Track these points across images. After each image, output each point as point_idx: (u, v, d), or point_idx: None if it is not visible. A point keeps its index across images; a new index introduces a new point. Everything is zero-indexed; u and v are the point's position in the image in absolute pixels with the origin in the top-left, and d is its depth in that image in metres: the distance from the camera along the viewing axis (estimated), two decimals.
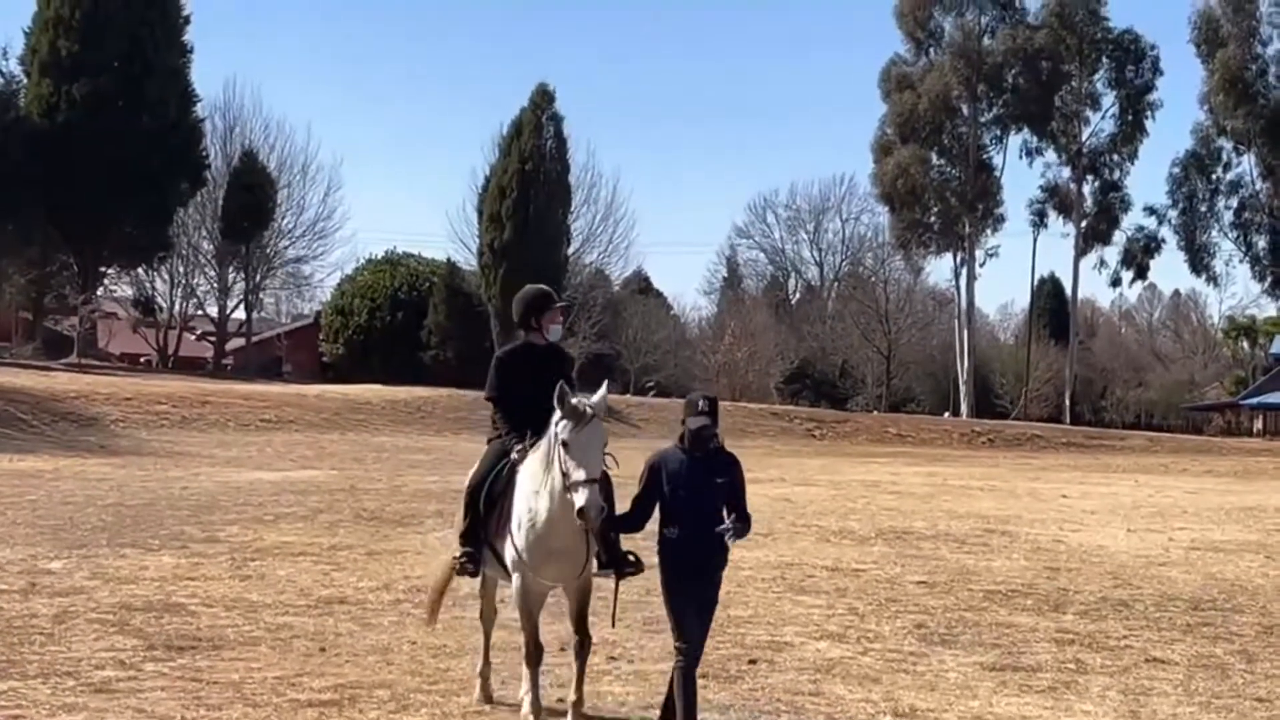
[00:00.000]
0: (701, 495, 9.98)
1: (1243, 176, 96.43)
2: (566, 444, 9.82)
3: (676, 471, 9.99)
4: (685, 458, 10.04)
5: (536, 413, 10.57)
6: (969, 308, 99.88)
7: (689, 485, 9.94)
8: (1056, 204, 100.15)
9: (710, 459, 10.07)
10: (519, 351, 11.52)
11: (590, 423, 9.85)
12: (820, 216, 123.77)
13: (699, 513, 9.93)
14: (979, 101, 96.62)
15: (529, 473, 10.42)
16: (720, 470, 10.12)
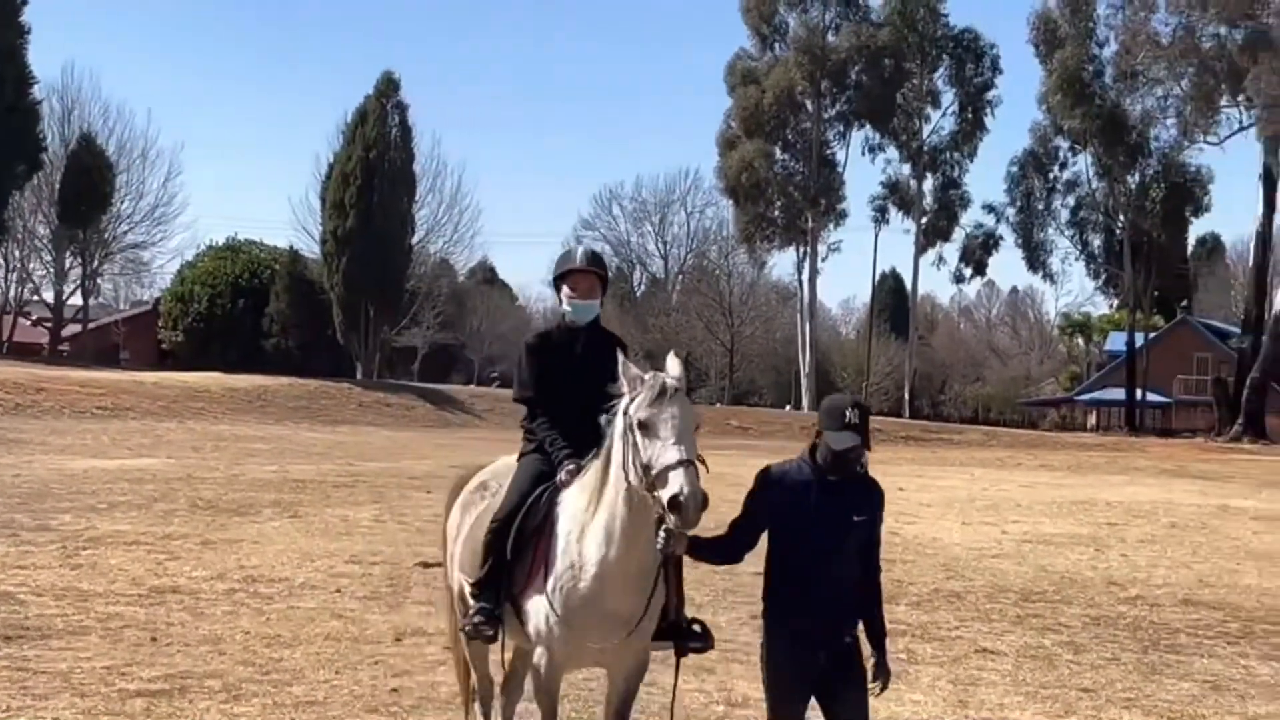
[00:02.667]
0: (834, 537, 7.49)
1: (1079, 176, 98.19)
2: (644, 424, 7.24)
3: (801, 498, 7.50)
4: (815, 481, 7.51)
5: (580, 421, 8.26)
6: (811, 302, 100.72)
7: (817, 520, 7.45)
8: (897, 200, 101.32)
9: (849, 486, 7.56)
10: (555, 335, 8.99)
11: (676, 396, 7.35)
12: (665, 209, 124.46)
13: (827, 562, 7.49)
14: (823, 97, 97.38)
15: (574, 505, 7.92)
16: (860, 503, 7.60)
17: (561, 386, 8.66)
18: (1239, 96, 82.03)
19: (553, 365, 8.77)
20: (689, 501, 6.87)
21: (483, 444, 48.06)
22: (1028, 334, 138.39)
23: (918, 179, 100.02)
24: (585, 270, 9.00)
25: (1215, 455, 65.45)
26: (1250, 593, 19.22)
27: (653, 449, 7.16)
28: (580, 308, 8.91)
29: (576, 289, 8.92)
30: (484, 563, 8.40)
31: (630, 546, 7.52)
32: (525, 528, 8.20)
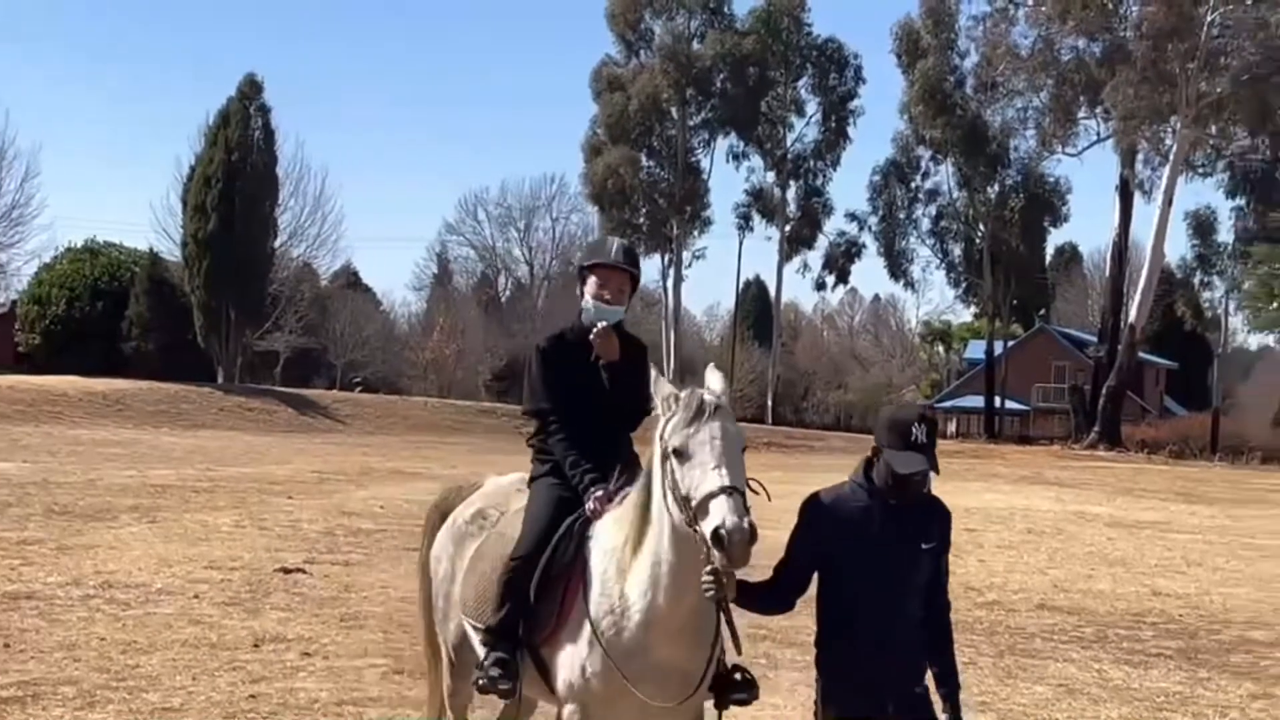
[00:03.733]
0: (901, 570, 6.62)
1: (940, 185, 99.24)
2: (680, 451, 6.28)
3: (860, 528, 6.58)
4: (874, 505, 6.61)
5: (601, 438, 7.47)
6: (675, 308, 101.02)
7: (881, 552, 6.55)
8: (761, 208, 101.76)
9: (912, 509, 6.68)
10: (572, 338, 7.83)
11: (716, 414, 6.37)
12: (531, 215, 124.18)
13: (894, 599, 6.60)
14: (688, 105, 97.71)
15: (609, 540, 6.92)
16: (927, 528, 6.74)
17: (580, 398, 7.57)
18: (1097, 109, 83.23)
19: (570, 373, 7.63)
20: (733, 534, 5.91)
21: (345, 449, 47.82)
22: (889, 341, 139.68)
23: (781, 187, 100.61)
24: (618, 267, 7.82)
25: (1072, 462, 66.42)
26: (1104, 598, 19.56)
27: (691, 477, 6.19)
28: (606, 311, 7.72)
29: (606, 286, 7.77)
30: (500, 606, 7.26)
31: (681, 595, 6.49)
32: (552, 566, 7.13)
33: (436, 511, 8.76)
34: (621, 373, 7.59)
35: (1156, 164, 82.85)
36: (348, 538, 22.38)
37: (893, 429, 6.57)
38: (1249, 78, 74.32)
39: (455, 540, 8.15)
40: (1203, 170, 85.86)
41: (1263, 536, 30.92)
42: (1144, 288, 79.60)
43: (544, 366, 7.70)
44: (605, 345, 7.66)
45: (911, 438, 6.50)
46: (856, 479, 6.75)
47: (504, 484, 8.35)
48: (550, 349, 7.79)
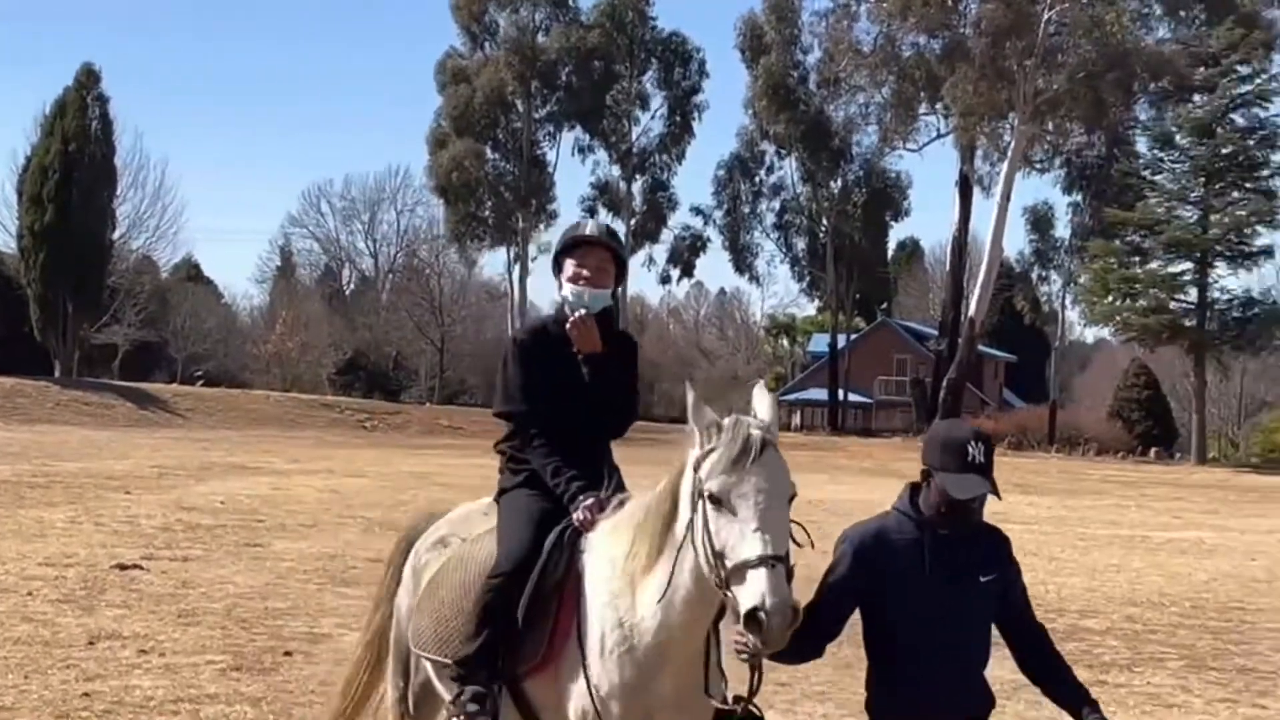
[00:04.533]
0: (957, 607, 5.90)
1: (784, 180, 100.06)
2: (717, 499, 5.51)
3: (909, 564, 5.89)
4: (923, 538, 5.92)
5: (584, 444, 6.75)
6: (522, 302, 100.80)
7: (934, 589, 5.85)
8: (607, 201, 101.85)
9: (964, 538, 5.98)
10: (553, 330, 6.94)
11: (764, 456, 5.59)
12: (375, 207, 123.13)
13: (953, 642, 5.90)
14: (533, 98, 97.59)
15: (609, 550, 6.19)
16: (985, 558, 6.06)
17: (562, 398, 6.71)
18: (937, 105, 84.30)
19: (551, 370, 6.75)
20: (772, 618, 5.23)
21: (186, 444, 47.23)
22: (735, 335, 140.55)
23: (627, 180, 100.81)
24: (597, 243, 6.96)
25: (913, 454, 67.02)
26: None
27: (728, 534, 5.43)
28: (586, 296, 6.82)
29: (585, 266, 6.87)
30: (476, 633, 6.36)
31: (695, 625, 5.91)
32: (541, 583, 6.30)
33: (403, 543, 7.77)
34: (606, 368, 6.74)
35: (995, 160, 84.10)
36: (186, 533, 22.12)
37: (946, 449, 5.86)
38: (1085, 75, 75.61)
39: (415, 572, 7.26)
40: (1040, 166, 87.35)
41: (1096, 526, 31.58)
42: (983, 282, 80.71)
43: (521, 363, 6.78)
44: (584, 335, 6.75)
45: (968, 458, 5.80)
46: (901, 508, 6.03)
47: (472, 509, 7.41)
48: (529, 343, 6.89)
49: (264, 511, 25.87)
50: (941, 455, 5.87)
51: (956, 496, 5.78)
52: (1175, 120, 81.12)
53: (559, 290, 6.98)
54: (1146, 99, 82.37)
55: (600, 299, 6.88)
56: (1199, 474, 60.95)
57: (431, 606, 6.86)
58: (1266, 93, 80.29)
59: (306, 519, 24.97)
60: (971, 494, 5.80)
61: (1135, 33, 78.12)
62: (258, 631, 13.74)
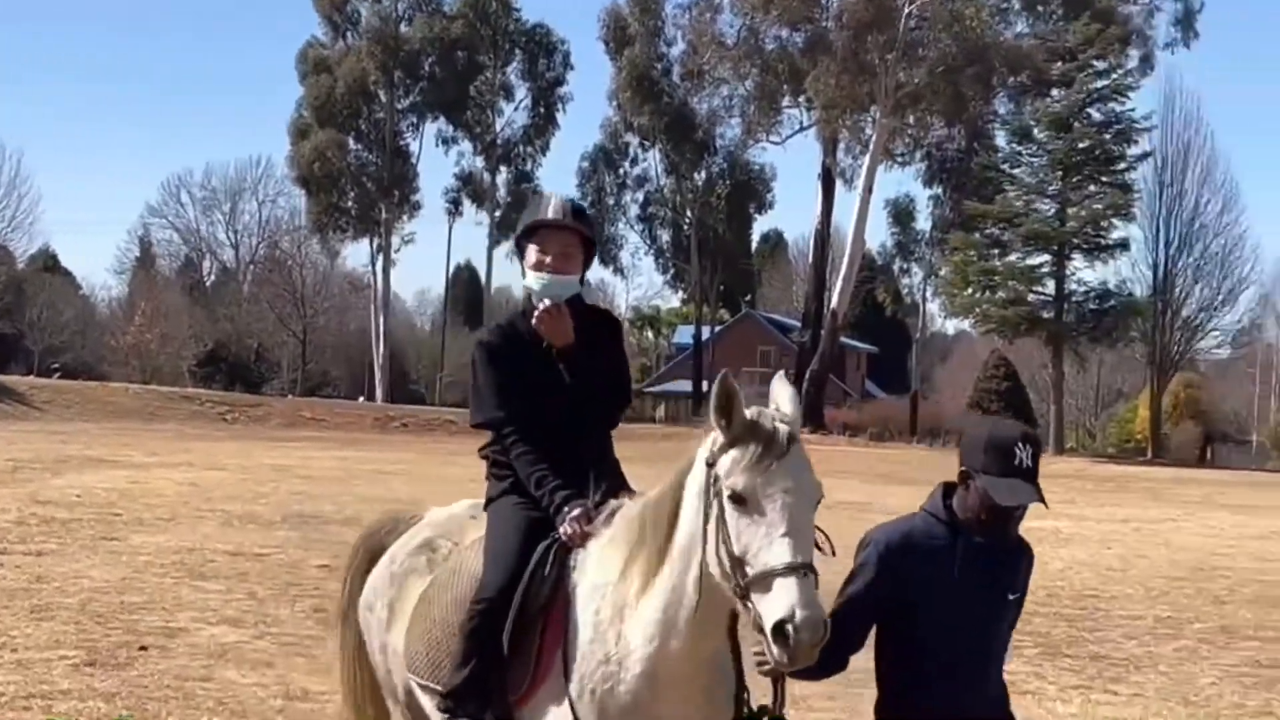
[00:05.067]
0: (984, 624, 5.55)
1: (648, 171, 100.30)
2: (741, 498, 5.05)
3: (939, 572, 5.44)
4: (956, 545, 5.47)
5: (568, 444, 6.16)
6: (385, 293, 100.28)
7: (963, 602, 5.44)
8: (471, 193, 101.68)
9: (998, 549, 5.54)
10: (522, 327, 6.37)
11: (791, 452, 5.18)
12: (236, 198, 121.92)
13: (978, 660, 5.55)
14: (396, 88, 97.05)
15: (600, 572, 5.69)
16: (1015, 574, 5.68)
17: (541, 398, 6.18)
18: (800, 97, 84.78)
19: (523, 370, 6.21)
20: (801, 632, 4.79)
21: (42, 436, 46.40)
22: None
23: (491, 172, 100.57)
24: (558, 225, 6.37)
25: None
26: None
27: (751, 537, 4.98)
28: (552, 284, 6.28)
29: (547, 252, 6.32)
30: (464, 661, 5.86)
31: (703, 639, 5.41)
32: (526, 607, 5.80)
33: (363, 549, 7.24)
34: (585, 358, 6.20)
35: (857, 153, 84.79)
36: (41, 527, 21.70)
37: (991, 450, 5.37)
38: (945, 69, 76.41)
39: (395, 581, 6.63)
40: (902, 159, 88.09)
41: None
42: (845, 274, 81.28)
43: (491, 366, 6.24)
44: (552, 327, 6.19)
45: (1015, 460, 5.33)
46: (932, 509, 5.57)
47: (455, 512, 6.90)
48: (496, 344, 6.32)
49: (121, 505, 25.46)
50: (985, 457, 5.38)
51: (1002, 503, 5.31)
52: (1033, 114, 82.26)
53: (523, 278, 6.46)
54: (1005, 93, 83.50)
55: (566, 286, 6.31)
56: (1057, 464, 61.67)
57: (423, 628, 6.25)
58: (1122, 88, 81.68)
59: (165, 512, 24.60)
60: (1018, 501, 5.34)
61: (994, 28, 79.11)
62: (113, 626, 13.51)
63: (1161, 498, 44.81)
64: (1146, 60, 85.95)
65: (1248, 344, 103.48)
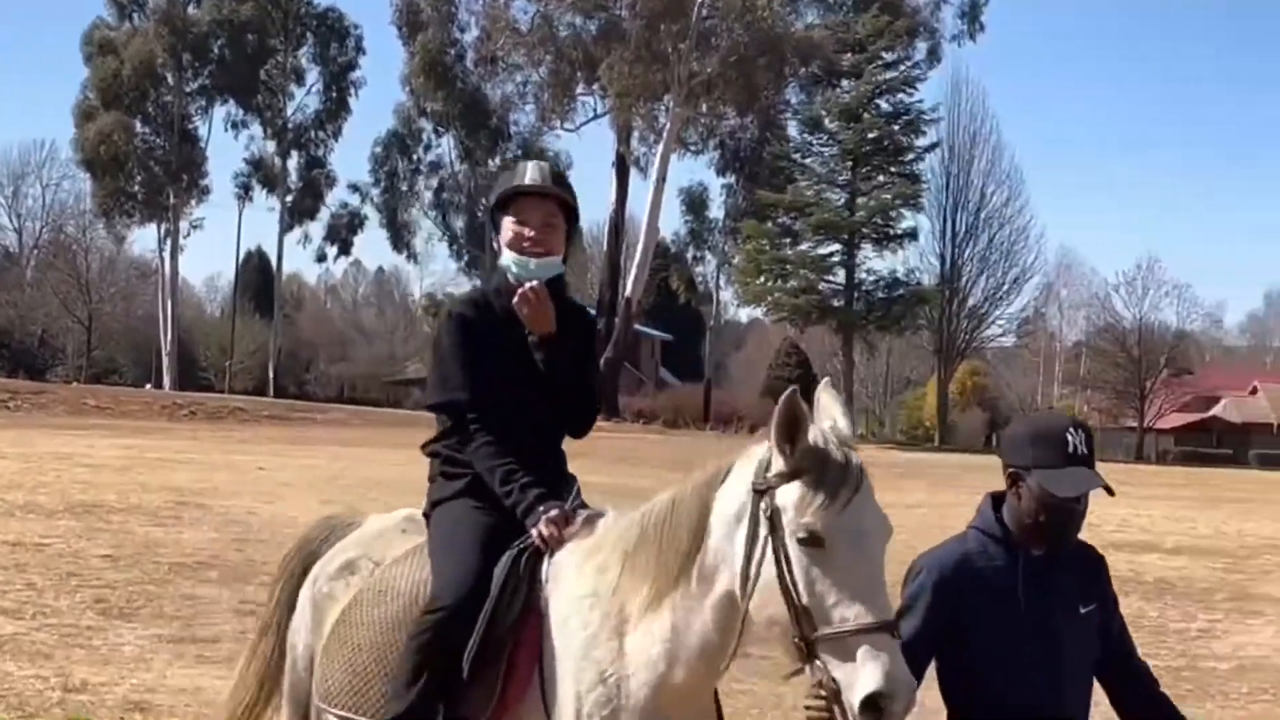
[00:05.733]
0: (1057, 644, 4.89)
1: (443, 158, 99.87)
2: (818, 539, 4.33)
3: (1001, 596, 4.87)
4: (1014, 561, 4.92)
5: (535, 441, 5.49)
6: (173, 279, 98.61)
7: (1030, 625, 4.86)
8: (262, 178, 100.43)
9: (1060, 561, 4.97)
10: (496, 303, 5.62)
11: (864, 487, 4.48)
12: (19, 181, 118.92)
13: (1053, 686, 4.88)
14: (184, 71, 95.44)
15: (580, 582, 4.98)
16: (1085, 584, 5.07)
17: (512, 388, 5.45)
18: (594, 85, 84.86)
19: (496, 352, 5.46)
20: (897, 705, 4.18)
21: None
22: (393, 314, 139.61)
23: (282, 156, 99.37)
24: (537, 193, 5.60)
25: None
26: None
27: (827, 587, 4.30)
28: (534, 265, 5.55)
29: (526, 224, 5.57)
30: (409, 685, 5.04)
31: (702, 680, 4.85)
32: (494, 622, 5.00)
33: (297, 559, 6.30)
34: (563, 351, 5.51)
35: (651, 141, 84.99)
36: None
37: (1040, 442, 4.87)
38: (737, 59, 76.99)
39: (315, 606, 5.84)
40: (695, 148, 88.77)
41: None
42: (640, 262, 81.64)
43: (462, 341, 5.45)
44: (536, 313, 5.46)
45: (1069, 448, 4.81)
46: (983, 526, 5.01)
47: (387, 524, 6.05)
48: (470, 317, 5.55)
49: None
50: (1035, 450, 4.86)
51: (1062, 495, 4.77)
52: (824, 105, 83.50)
53: (498, 255, 5.71)
54: (797, 84, 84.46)
55: (549, 267, 5.57)
56: None
57: (344, 653, 5.46)
58: (910, 79, 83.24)
59: None
60: (1080, 490, 4.78)
61: (785, 18, 79.90)
62: None
63: (950, 484, 45.68)
64: (934, 53, 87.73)
65: (1031, 332, 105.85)
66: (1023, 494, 4.87)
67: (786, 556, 4.35)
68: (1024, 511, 4.87)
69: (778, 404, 4.43)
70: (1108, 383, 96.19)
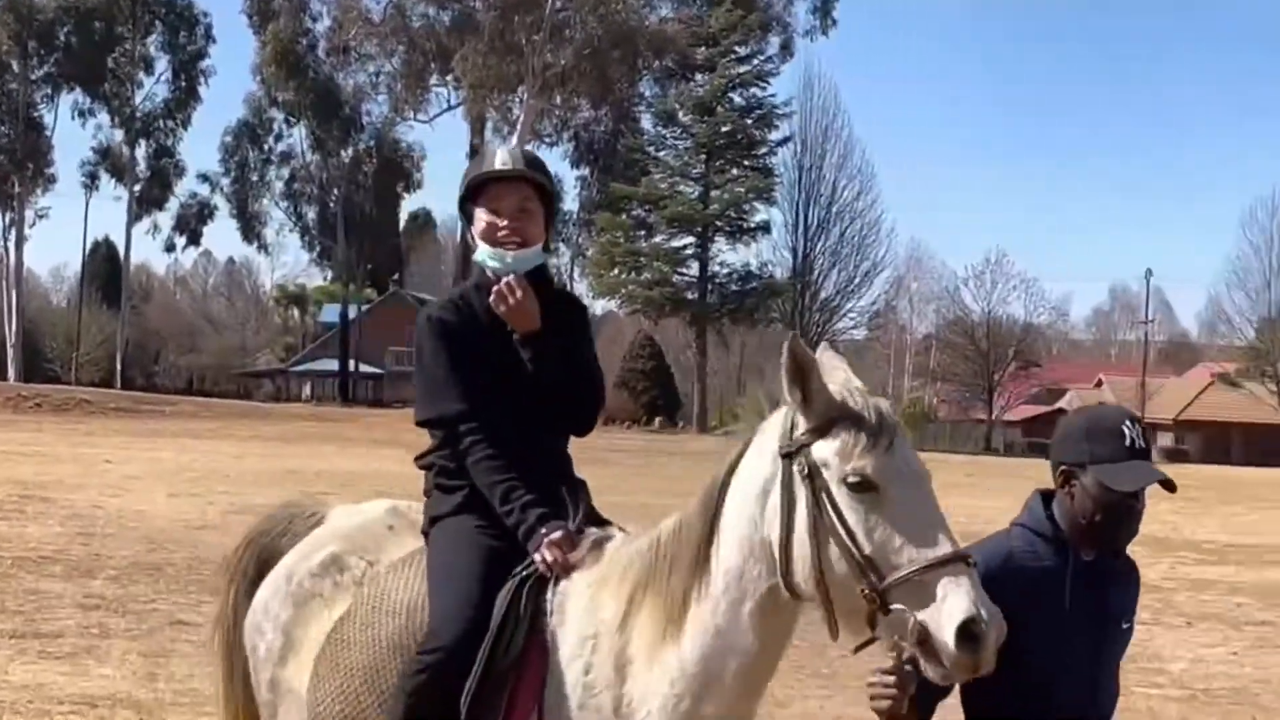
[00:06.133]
0: (1096, 658, 4.68)
1: (294, 148, 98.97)
2: (871, 482, 4.05)
3: (1049, 601, 4.53)
4: (1063, 565, 4.60)
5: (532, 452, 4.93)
6: (18, 269, 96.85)
7: (1072, 635, 4.57)
8: (109, 167, 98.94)
9: (1107, 570, 4.68)
10: (472, 305, 5.10)
11: (902, 432, 4.23)
12: None
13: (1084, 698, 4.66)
14: (30, 58, 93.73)
15: (590, 615, 4.53)
16: (1126, 599, 4.82)
17: (502, 392, 4.94)
18: (448, 76, 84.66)
19: (482, 355, 4.97)
20: (992, 630, 3.91)
21: None
22: (244, 305, 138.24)
23: (130, 145, 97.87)
24: (514, 178, 5.12)
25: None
26: None
27: (889, 530, 4.01)
28: (512, 258, 5.03)
29: (500, 211, 5.07)
30: None
31: (750, 696, 4.42)
32: (494, 662, 4.54)
33: (250, 551, 5.79)
34: (550, 347, 5.00)
35: (506, 133, 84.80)
36: None
37: (1096, 435, 4.58)
38: (591, 51, 77.23)
39: (294, 602, 5.31)
40: (549, 140, 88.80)
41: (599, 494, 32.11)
42: None
43: (447, 348, 4.95)
44: (517, 310, 4.97)
45: (1127, 441, 4.53)
46: (1032, 524, 4.68)
47: (368, 519, 5.53)
48: (452, 322, 5.03)
49: None
50: (1091, 444, 4.56)
51: (1123, 489, 4.47)
52: (678, 98, 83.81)
53: (473, 249, 5.21)
54: (651, 77, 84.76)
55: (528, 258, 5.07)
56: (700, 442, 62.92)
57: (336, 679, 4.99)
58: (763, 73, 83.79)
59: None
60: (1141, 484, 4.49)
61: (638, 11, 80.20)
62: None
63: None
64: (786, 47, 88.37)
65: (882, 325, 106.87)
66: (1076, 492, 4.57)
67: (837, 509, 4.05)
68: (1079, 511, 4.56)
69: (783, 356, 4.18)
70: (957, 375, 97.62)
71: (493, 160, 5.14)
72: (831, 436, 4.11)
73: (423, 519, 5.13)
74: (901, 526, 3.99)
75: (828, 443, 4.11)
